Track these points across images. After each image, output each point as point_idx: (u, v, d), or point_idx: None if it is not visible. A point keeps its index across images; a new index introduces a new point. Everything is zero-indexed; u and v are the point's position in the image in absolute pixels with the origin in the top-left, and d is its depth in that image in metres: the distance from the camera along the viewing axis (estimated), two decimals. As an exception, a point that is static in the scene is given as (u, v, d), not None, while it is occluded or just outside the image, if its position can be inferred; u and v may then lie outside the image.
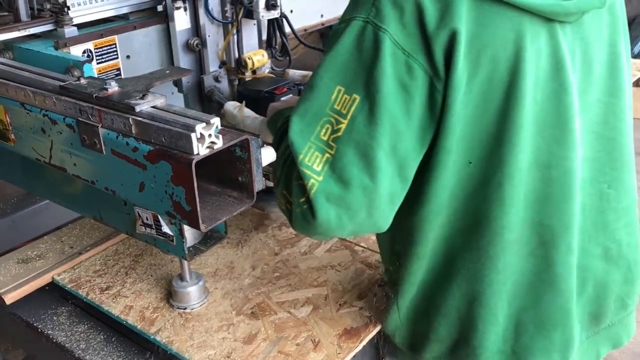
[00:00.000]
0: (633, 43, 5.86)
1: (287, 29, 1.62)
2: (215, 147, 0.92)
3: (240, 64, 1.53)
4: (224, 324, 1.30)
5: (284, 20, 1.58)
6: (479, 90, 0.93)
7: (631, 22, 6.19)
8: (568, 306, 1.09)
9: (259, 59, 1.53)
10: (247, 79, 1.55)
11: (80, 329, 1.34)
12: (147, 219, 1.22)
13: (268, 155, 1.01)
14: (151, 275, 1.46)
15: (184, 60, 1.48)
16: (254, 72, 1.55)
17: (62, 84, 1.06)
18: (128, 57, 1.38)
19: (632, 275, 1.21)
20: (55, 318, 1.38)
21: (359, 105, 0.91)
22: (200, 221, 0.93)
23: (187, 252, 1.21)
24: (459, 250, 1.06)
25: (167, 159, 0.93)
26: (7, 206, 1.77)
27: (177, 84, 1.51)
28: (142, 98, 0.98)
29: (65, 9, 1.29)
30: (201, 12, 1.46)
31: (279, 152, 1.07)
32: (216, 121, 0.92)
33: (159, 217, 1.16)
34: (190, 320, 1.31)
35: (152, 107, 0.98)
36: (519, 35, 0.93)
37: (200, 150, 0.91)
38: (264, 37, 1.61)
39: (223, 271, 1.46)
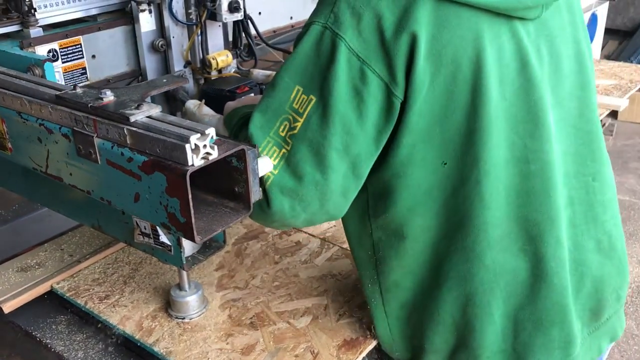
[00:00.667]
0: (639, 49, 5.81)
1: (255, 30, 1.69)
2: (211, 158, 0.91)
3: (205, 64, 1.59)
4: (223, 334, 1.29)
5: (249, 22, 1.63)
6: (443, 90, 0.95)
7: (638, 26, 6.15)
8: (564, 302, 1.09)
9: (223, 59, 1.59)
10: (212, 78, 1.60)
11: (78, 338, 1.33)
12: (145, 228, 1.21)
13: (265, 165, 1.00)
14: (150, 284, 1.45)
15: (149, 60, 1.54)
16: (219, 71, 1.60)
17: (58, 93, 1.05)
18: (93, 56, 1.42)
19: (623, 267, 1.23)
20: (54, 327, 1.37)
21: (314, 106, 0.96)
22: (195, 233, 0.92)
23: (185, 262, 1.20)
24: (445, 253, 1.07)
25: (161, 170, 0.92)
26: (8, 213, 1.77)
27: (141, 82, 1.55)
28: (137, 108, 0.97)
29: (32, 11, 1.33)
30: (165, 14, 1.51)
31: (238, 137, 1.10)
32: (211, 132, 0.91)
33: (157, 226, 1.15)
34: (188, 331, 1.30)
35: (147, 117, 0.97)
36: (478, 34, 0.95)
37: (195, 161, 0.89)
38: (231, 38, 1.67)
39: (222, 280, 1.45)
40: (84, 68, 1.40)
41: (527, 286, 1.08)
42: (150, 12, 1.50)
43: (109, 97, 1.01)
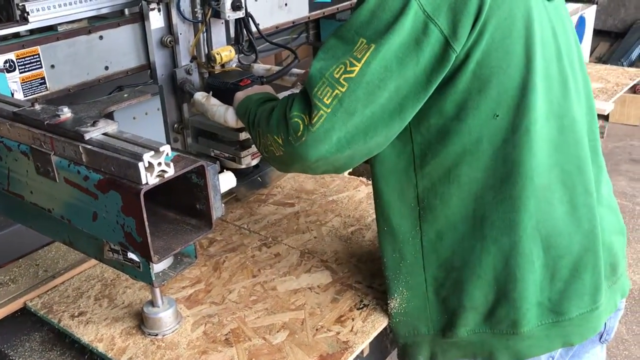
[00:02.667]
0: (629, 50, 5.79)
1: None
2: (166, 175, 0.89)
3: (210, 58, 1.67)
4: (197, 352, 1.26)
5: (249, 19, 1.71)
6: (500, 43, 1.04)
7: (629, 28, 6.13)
8: (595, 248, 1.18)
9: (226, 54, 1.66)
10: (216, 72, 1.68)
11: (52, 356, 1.31)
12: (114, 245, 1.18)
13: (227, 181, 0.97)
14: (125, 300, 1.42)
15: (158, 55, 1.63)
16: (222, 65, 1.68)
17: (16, 109, 1.03)
18: (52, 66, 1.42)
19: (623, 227, 1.34)
20: (27, 344, 1.34)
21: (373, 52, 1.02)
22: (152, 253, 0.90)
23: (154, 278, 1.17)
24: (491, 204, 1.12)
25: (116, 189, 0.89)
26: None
27: (152, 76, 1.65)
28: (93, 125, 0.94)
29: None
30: (174, 12, 1.59)
31: (263, 112, 1.20)
32: (166, 149, 0.88)
33: (124, 243, 1.13)
34: (162, 348, 1.27)
35: (103, 134, 0.94)
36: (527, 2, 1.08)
37: (149, 179, 0.87)
38: (233, 34, 1.76)
39: (199, 295, 1.42)
40: (43, 78, 1.40)
41: (564, 235, 1.15)
42: (159, 10, 1.59)
43: (66, 114, 0.99)
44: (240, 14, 1.63)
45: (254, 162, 1.65)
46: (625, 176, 4.34)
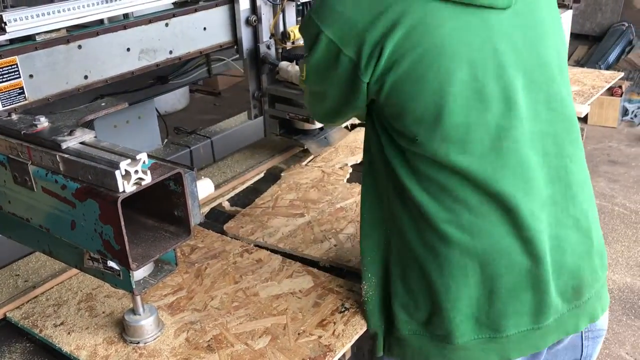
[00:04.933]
0: (607, 53, 5.88)
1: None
2: (144, 183, 0.89)
3: (285, 35, 1.99)
4: (179, 359, 1.26)
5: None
6: (409, 73, 1.05)
7: (606, 31, 6.24)
8: (540, 270, 1.15)
9: (298, 31, 1.96)
10: (287, 48, 2.01)
11: (33, 367, 1.30)
12: (93, 253, 1.18)
13: (205, 187, 0.98)
14: (107, 308, 1.42)
15: (245, 32, 1.94)
16: (292, 42, 2.01)
17: (-8, 120, 1.03)
18: (31, 76, 1.42)
19: (600, 247, 1.28)
20: (8, 355, 1.33)
21: (307, 64, 1.18)
22: (130, 260, 0.90)
23: (135, 286, 1.18)
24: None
25: (93, 197, 0.90)
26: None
27: (238, 50, 1.96)
28: (70, 134, 0.95)
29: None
30: None
31: None
32: (143, 157, 0.89)
33: (103, 252, 1.13)
34: (144, 356, 1.27)
35: (80, 143, 0.95)
36: (442, 23, 1.06)
37: (126, 187, 0.87)
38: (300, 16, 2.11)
39: (181, 303, 1.42)
40: (21, 88, 1.40)
41: (504, 254, 1.14)
42: None
43: (42, 123, 0.99)
44: None
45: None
46: (604, 177, 4.40)
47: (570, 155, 1.20)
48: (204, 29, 1.82)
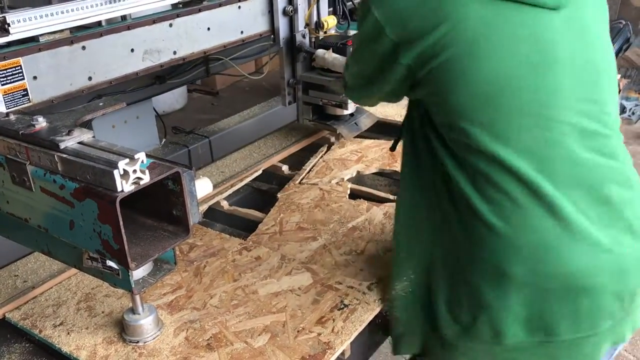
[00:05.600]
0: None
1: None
2: (142, 182, 0.90)
3: (319, 25, 2.11)
4: (179, 358, 1.26)
5: None
6: (457, 62, 1.08)
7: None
8: (598, 272, 1.11)
9: (331, 21, 2.13)
10: (320, 37, 2.12)
11: (33, 367, 1.31)
12: (92, 253, 1.18)
13: (203, 187, 0.98)
14: (107, 308, 1.42)
15: (282, 22, 2.05)
16: (325, 32, 2.13)
17: (-10, 120, 1.03)
18: (35, 77, 1.42)
19: None
20: (7, 356, 1.34)
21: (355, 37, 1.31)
22: (129, 259, 0.90)
23: (134, 286, 1.18)
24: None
25: (92, 197, 0.90)
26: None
27: (275, 39, 2.07)
28: (68, 134, 0.95)
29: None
30: None
31: None
32: (141, 156, 0.89)
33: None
34: (144, 355, 1.27)
35: (78, 142, 0.95)
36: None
37: (125, 187, 0.88)
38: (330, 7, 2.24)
39: (180, 301, 1.42)
40: (25, 90, 1.39)
41: (553, 252, 1.10)
42: None
43: (40, 123, 0.99)
44: None
45: (353, 109, 2.18)
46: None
47: (616, 157, 1.17)
48: (208, 29, 1.85)
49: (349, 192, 1.89)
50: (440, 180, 1.18)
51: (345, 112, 2.20)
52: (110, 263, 1.16)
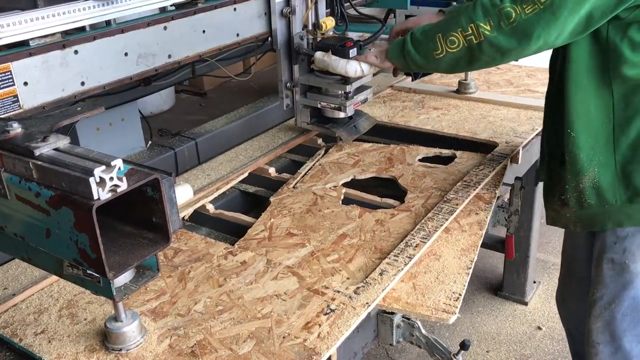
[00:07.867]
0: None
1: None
2: (119, 190, 0.87)
3: (317, 26, 2.06)
4: (162, 365, 1.24)
5: None
6: None
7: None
8: None
9: (329, 22, 2.07)
10: (318, 39, 2.08)
11: (13, 377, 1.28)
12: (70, 262, 1.16)
13: (183, 193, 0.96)
14: (89, 315, 1.39)
15: (279, 23, 2.01)
16: (323, 34, 2.08)
17: (-36, 126, 1.01)
18: (25, 83, 1.38)
19: None
20: (-13, 366, 1.31)
21: None
22: (107, 269, 0.88)
23: (115, 293, 1.15)
24: None
25: (68, 205, 0.88)
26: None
27: (272, 42, 2.03)
28: (43, 140, 0.93)
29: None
30: None
31: (457, 12, 1.47)
32: (118, 163, 0.87)
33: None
34: (126, 363, 1.25)
35: (54, 149, 0.93)
36: None
37: (101, 195, 0.86)
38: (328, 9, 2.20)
39: (164, 307, 1.40)
40: (16, 96, 1.35)
41: None
42: None
43: (15, 129, 0.97)
44: None
45: (352, 112, 2.11)
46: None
47: None
48: (203, 31, 1.80)
49: (342, 197, 1.87)
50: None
51: (344, 115, 2.14)
52: (90, 270, 1.14)
